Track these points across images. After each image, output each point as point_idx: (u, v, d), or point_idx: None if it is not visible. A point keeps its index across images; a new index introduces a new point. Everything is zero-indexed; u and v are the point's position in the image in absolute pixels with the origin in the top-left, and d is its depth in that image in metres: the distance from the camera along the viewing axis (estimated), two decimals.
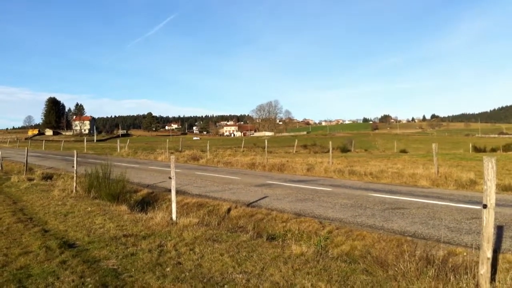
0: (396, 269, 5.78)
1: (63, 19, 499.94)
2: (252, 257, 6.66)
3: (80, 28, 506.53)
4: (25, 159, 22.02)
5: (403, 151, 54.23)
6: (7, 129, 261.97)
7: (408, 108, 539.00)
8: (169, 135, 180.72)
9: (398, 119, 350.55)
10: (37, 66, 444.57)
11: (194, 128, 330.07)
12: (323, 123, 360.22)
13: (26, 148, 26.57)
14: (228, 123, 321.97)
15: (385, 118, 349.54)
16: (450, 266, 5.86)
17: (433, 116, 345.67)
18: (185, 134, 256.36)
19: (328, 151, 30.89)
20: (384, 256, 6.54)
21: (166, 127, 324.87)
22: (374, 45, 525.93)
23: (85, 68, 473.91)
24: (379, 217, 10.41)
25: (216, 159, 31.57)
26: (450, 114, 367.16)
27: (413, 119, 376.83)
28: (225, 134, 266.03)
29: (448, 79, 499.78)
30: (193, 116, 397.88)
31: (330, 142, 28.62)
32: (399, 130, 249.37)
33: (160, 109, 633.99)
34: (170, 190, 10.23)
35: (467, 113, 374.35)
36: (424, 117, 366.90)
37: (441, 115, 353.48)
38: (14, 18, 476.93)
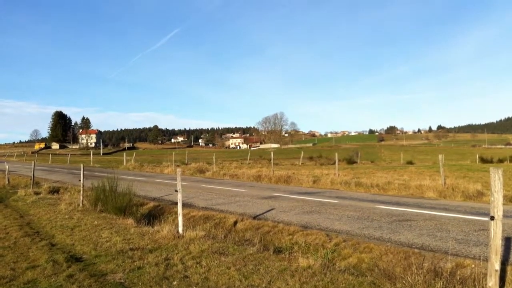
0: (404, 281, 5.76)
1: (69, 33, 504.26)
2: (259, 270, 6.64)
3: (86, 41, 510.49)
4: (32, 173, 22.09)
5: (410, 163, 54.03)
6: (14, 143, 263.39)
7: (414, 119, 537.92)
8: (175, 148, 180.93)
9: (404, 130, 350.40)
10: (43, 80, 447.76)
11: (200, 140, 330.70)
12: (329, 135, 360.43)
13: (33, 162, 26.67)
14: (234, 136, 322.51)
15: (391, 130, 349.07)
16: (458, 278, 5.83)
17: (440, 127, 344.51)
18: (191, 146, 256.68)
19: (334, 163, 30.84)
20: (392, 269, 6.52)
21: (172, 140, 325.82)
22: (380, 56, 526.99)
23: (91, 81, 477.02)
24: (386, 229, 10.37)
25: (222, 172, 31.58)
26: (457, 125, 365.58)
27: (419, 130, 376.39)
28: (231, 147, 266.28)
29: (454, 90, 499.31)
30: (199, 129, 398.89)
31: (336, 154, 28.56)
32: (405, 141, 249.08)
33: (166, 122, 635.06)
34: (176, 203, 10.23)
35: (474, 123, 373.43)
36: (430, 128, 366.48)
37: (448, 126, 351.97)
38: (21, 31, 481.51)
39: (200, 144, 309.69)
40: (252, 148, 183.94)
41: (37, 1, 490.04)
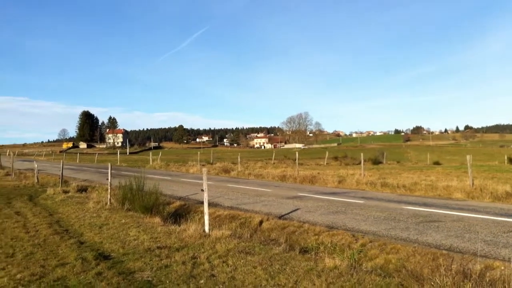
0: (432, 283, 5.69)
1: (96, 34, 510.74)
2: (285, 270, 6.65)
3: (113, 42, 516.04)
4: (61, 172, 22.45)
5: (437, 163, 53.28)
6: (42, 142, 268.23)
7: (441, 119, 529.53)
8: (200, 148, 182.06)
9: (431, 130, 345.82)
10: (72, 81, 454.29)
11: (225, 140, 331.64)
12: (354, 135, 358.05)
13: (61, 161, 27.14)
14: (258, 135, 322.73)
15: (417, 130, 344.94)
16: (487, 280, 5.75)
17: (467, 127, 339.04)
18: (216, 146, 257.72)
19: (359, 163, 30.64)
20: (420, 270, 6.46)
21: (197, 140, 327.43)
22: (405, 55, 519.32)
23: (118, 82, 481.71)
24: (413, 230, 10.27)
25: (247, 171, 31.64)
26: (484, 125, 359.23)
27: (446, 131, 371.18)
28: (255, 146, 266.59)
29: (481, 89, 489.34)
30: (224, 129, 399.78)
31: (362, 154, 28.34)
32: (431, 142, 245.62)
33: (191, 122, 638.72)
34: (202, 202, 10.30)
35: (502, 123, 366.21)
36: (457, 128, 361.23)
37: (475, 126, 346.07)
38: (49, 33, 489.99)
39: (225, 144, 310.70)
40: (276, 148, 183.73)
41: (64, 3, 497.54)
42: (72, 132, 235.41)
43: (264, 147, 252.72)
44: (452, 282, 5.59)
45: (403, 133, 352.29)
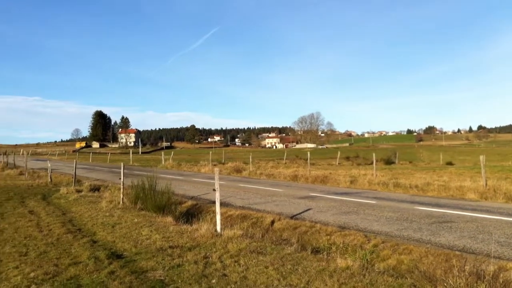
0: (445, 284, 5.66)
1: (109, 34, 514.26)
2: (297, 270, 6.65)
3: (125, 42, 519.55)
4: (74, 171, 22.60)
5: (449, 163, 52.83)
6: (55, 142, 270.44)
7: (453, 119, 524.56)
8: (212, 147, 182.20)
9: (444, 130, 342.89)
10: (84, 80, 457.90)
11: (236, 140, 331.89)
12: (366, 135, 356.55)
13: (74, 160, 27.32)
14: (270, 135, 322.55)
15: (430, 130, 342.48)
16: (501, 281, 5.70)
17: (480, 127, 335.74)
18: (228, 146, 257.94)
19: (372, 163, 30.49)
20: (432, 271, 6.42)
21: (209, 139, 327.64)
22: (417, 54, 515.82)
23: (131, 81, 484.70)
24: (426, 231, 10.21)
25: (258, 171, 31.64)
26: (498, 125, 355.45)
27: (459, 131, 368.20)
28: (267, 146, 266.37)
29: (495, 89, 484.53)
30: (235, 128, 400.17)
31: (374, 154, 28.23)
32: (444, 142, 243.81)
33: (203, 122, 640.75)
34: (214, 202, 10.32)
35: None
36: (470, 128, 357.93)
37: (488, 126, 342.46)
38: (62, 33, 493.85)
39: (237, 143, 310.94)
40: (288, 148, 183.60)
41: (77, 3, 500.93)
42: (85, 131, 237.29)
43: (276, 147, 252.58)
44: (465, 283, 5.55)
45: (415, 133, 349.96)
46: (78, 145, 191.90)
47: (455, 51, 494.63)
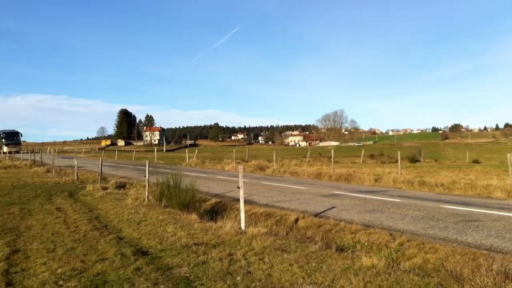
0: (472, 283, 5.59)
1: (134, 33, 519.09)
2: (322, 268, 6.63)
3: (150, 40, 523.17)
4: (100, 168, 22.85)
5: (476, 161, 52.04)
6: (81, 140, 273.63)
7: (480, 116, 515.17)
8: (235, 145, 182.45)
9: (470, 128, 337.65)
10: (110, 79, 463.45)
11: (260, 138, 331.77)
12: (390, 133, 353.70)
13: (100, 158, 27.66)
14: (293, 133, 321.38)
15: (456, 127, 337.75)
16: None
17: (507, 125, 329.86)
18: (251, 144, 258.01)
19: (396, 161, 30.20)
20: (459, 270, 6.35)
21: (232, 137, 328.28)
22: (442, 51, 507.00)
23: (155, 80, 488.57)
24: (452, 229, 10.09)
25: (282, 169, 31.61)
26: None
27: (485, 128, 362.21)
28: (290, 144, 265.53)
29: None
30: (259, 126, 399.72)
31: (399, 152, 27.98)
32: (470, 140, 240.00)
33: (226, 120, 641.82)
34: (238, 200, 10.35)
35: None
36: (497, 125, 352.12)
37: None
38: (88, 32, 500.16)
39: (260, 141, 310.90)
40: (311, 146, 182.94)
41: (103, 2, 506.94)
42: (111, 129, 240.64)
43: (299, 145, 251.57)
44: (493, 282, 5.48)
45: (441, 131, 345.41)
46: (103, 143, 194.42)
47: (481, 47, 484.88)
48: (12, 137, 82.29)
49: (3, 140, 79.01)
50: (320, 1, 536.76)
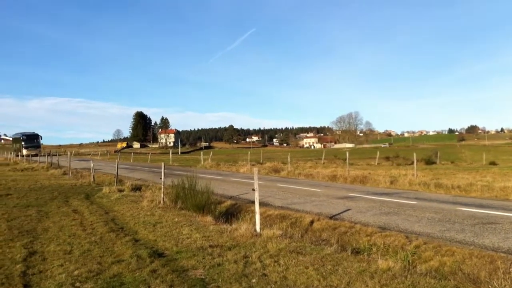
0: (489, 286, 5.55)
1: (150, 35, 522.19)
2: (337, 270, 6.61)
3: (166, 43, 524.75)
4: (116, 171, 23.01)
5: (493, 163, 51.48)
6: (97, 142, 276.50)
7: (496, 118, 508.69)
8: (250, 147, 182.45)
9: (486, 129, 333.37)
10: (126, 82, 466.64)
11: (274, 140, 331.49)
12: (406, 134, 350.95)
13: (116, 160, 27.79)
14: (308, 135, 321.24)
15: (472, 129, 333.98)
16: None
17: None
18: (266, 146, 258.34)
19: (412, 163, 30.03)
20: (476, 273, 6.30)
21: (247, 139, 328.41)
22: (457, 52, 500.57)
23: (170, 82, 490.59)
24: (469, 232, 10.00)
25: (297, 171, 31.56)
26: None
27: (502, 130, 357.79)
28: (305, 146, 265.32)
29: None
30: (273, 128, 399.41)
31: (414, 154, 27.80)
32: (487, 141, 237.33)
33: (241, 122, 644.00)
34: (253, 202, 10.36)
35: None
36: None
37: None
38: (104, 35, 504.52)
39: (275, 143, 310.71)
40: (326, 148, 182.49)
41: (119, 5, 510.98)
42: (126, 132, 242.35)
43: (314, 147, 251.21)
44: (510, 285, 5.43)
45: (457, 133, 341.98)
46: (119, 146, 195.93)
47: (497, 48, 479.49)
48: (32, 140, 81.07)
49: (23, 143, 78.00)
50: (335, 1, 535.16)
